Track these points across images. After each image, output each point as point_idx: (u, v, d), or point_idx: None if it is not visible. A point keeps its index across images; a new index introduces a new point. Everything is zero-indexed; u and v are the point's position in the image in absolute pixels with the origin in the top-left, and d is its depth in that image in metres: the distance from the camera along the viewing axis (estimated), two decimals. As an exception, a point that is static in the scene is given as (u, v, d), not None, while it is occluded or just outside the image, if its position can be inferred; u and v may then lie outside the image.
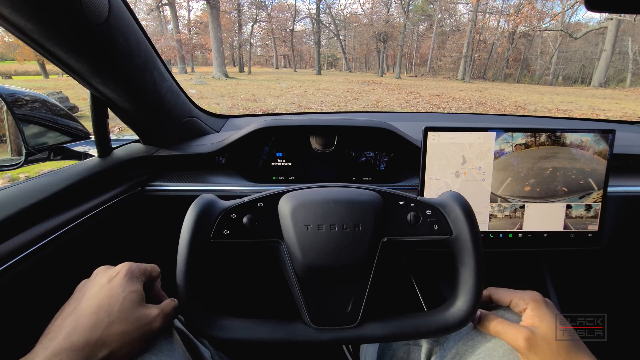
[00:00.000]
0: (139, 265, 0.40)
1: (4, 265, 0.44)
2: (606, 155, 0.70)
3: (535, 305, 0.43)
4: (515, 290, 0.47)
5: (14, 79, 15.93)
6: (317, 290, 0.42)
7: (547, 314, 0.42)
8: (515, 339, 0.41)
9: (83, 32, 0.49)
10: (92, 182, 0.64)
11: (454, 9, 25.27)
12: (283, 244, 0.42)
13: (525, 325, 0.42)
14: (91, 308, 0.34)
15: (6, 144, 0.69)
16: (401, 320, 0.42)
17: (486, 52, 23.00)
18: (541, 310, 0.43)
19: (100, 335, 0.32)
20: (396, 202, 0.44)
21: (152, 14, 19.44)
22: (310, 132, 0.85)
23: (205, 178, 0.83)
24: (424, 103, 8.27)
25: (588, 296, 1.01)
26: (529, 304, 0.44)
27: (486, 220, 0.72)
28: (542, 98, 9.98)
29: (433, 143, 0.70)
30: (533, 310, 0.43)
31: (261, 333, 0.40)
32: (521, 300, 0.45)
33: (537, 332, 0.40)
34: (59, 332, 0.32)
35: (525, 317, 0.43)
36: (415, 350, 0.52)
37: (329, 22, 28.77)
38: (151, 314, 0.37)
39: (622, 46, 18.75)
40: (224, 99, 7.75)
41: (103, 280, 0.37)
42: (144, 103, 0.71)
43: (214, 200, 0.43)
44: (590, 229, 0.73)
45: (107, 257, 0.69)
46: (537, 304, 0.43)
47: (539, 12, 17.26)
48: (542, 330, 0.41)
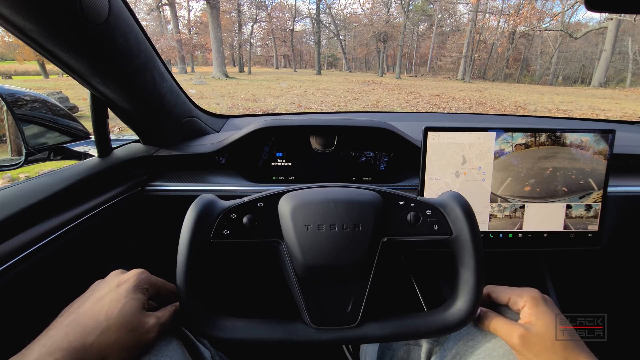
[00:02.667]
0: (150, 276, 0.41)
1: (4, 265, 0.44)
2: (606, 155, 0.70)
3: (533, 303, 0.43)
4: (514, 288, 0.47)
5: (14, 79, 15.91)
6: (317, 290, 0.42)
7: (545, 311, 0.42)
8: (510, 336, 0.41)
9: (83, 32, 0.49)
10: (92, 182, 0.64)
11: (454, 9, 25.28)
12: (283, 244, 0.42)
13: (521, 323, 0.42)
14: (93, 310, 0.35)
15: (6, 144, 0.69)
16: (401, 320, 0.42)
17: (486, 52, 23.01)
18: (539, 308, 0.43)
19: (95, 339, 0.32)
20: (396, 202, 0.44)
21: (152, 14, 19.44)
22: (310, 132, 0.85)
23: (205, 178, 0.83)
24: (424, 103, 8.27)
25: (588, 296, 1.01)
26: (527, 302, 0.43)
27: (486, 220, 0.72)
28: (542, 98, 9.98)
29: (433, 143, 0.70)
30: (530, 308, 0.43)
31: (261, 333, 0.40)
32: (519, 298, 0.45)
33: (532, 330, 0.40)
34: (59, 330, 0.32)
35: (523, 315, 0.43)
36: (415, 350, 0.52)
37: (329, 22, 28.79)
38: (148, 322, 0.37)
39: (622, 46, 18.75)
40: (224, 99, 7.75)
41: (112, 284, 0.38)
42: (144, 103, 0.71)
43: (214, 200, 0.43)
44: (590, 229, 0.73)
45: (107, 257, 0.69)
46: (535, 301, 0.43)
47: (538, 12, 17.25)
48: (538, 328, 0.40)
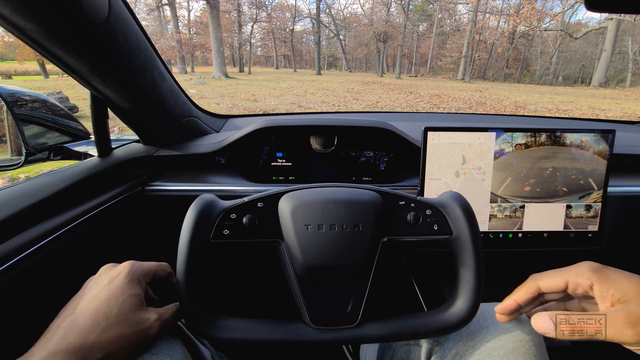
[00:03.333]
0: (142, 265, 0.39)
1: (4, 265, 0.44)
2: (606, 155, 0.70)
3: (601, 276, 0.33)
4: (562, 269, 0.37)
5: (14, 79, 15.92)
6: (317, 290, 0.42)
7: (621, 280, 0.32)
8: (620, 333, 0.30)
9: (83, 32, 0.49)
10: (92, 182, 0.64)
11: (454, 9, 25.28)
12: (283, 244, 0.42)
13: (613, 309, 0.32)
14: (90, 309, 0.34)
15: (6, 144, 0.69)
16: (401, 320, 0.42)
17: (486, 52, 23.01)
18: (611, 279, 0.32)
19: (96, 338, 0.32)
20: (396, 202, 0.44)
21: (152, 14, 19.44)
22: (310, 132, 0.85)
23: (205, 178, 0.83)
24: (424, 103, 8.27)
25: None
26: (594, 279, 0.33)
27: (486, 220, 0.72)
28: (542, 98, 9.98)
29: (433, 143, 0.70)
30: (603, 284, 0.32)
31: (261, 333, 0.40)
32: (580, 277, 0.34)
33: (633, 310, 0.30)
34: (57, 332, 0.32)
35: (601, 297, 0.33)
36: (415, 350, 0.52)
37: (329, 22, 28.80)
38: (150, 319, 0.36)
39: (622, 46, 18.75)
40: (224, 99, 7.75)
41: (104, 281, 0.37)
42: (144, 103, 0.71)
43: (214, 200, 0.43)
44: (590, 229, 0.73)
45: (107, 257, 0.69)
46: (601, 273, 0.33)
47: (538, 12, 17.25)
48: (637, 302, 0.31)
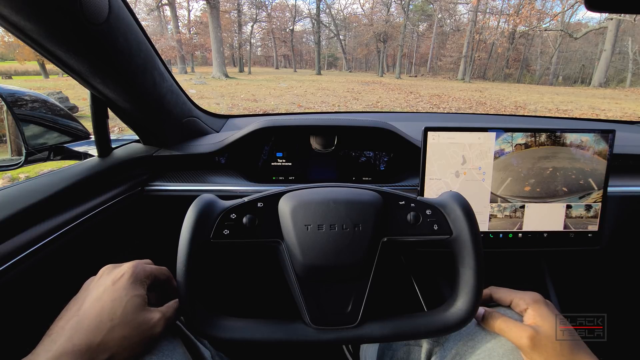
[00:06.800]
0: (144, 267, 0.40)
1: (4, 265, 0.44)
2: (606, 155, 0.70)
3: (536, 306, 0.44)
4: (516, 291, 0.48)
5: (14, 79, 15.92)
6: (317, 290, 0.42)
7: (548, 314, 0.43)
8: (519, 337, 0.41)
9: (83, 32, 0.49)
10: (92, 182, 0.64)
11: (454, 9, 25.29)
12: (283, 244, 0.42)
13: (529, 325, 0.42)
14: (94, 310, 0.34)
15: (6, 144, 0.69)
16: (401, 320, 0.42)
17: (486, 52, 23.02)
18: (542, 311, 0.43)
19: (102, 339, 0.32)
20: (396, 202, 0.44)
21: (152, 14, 19.45)
22: (310, 132, 0.85)
23: (205, 178, 0.83)
24: (424, 103, 8.27)
25: (588, 296, 1.01)
26: (530, 305, 0.44)
27: (486, 220, 0.72)
28: (542, 98, 9.98)
29: (433, 143, 0.70)
30: (534, 310, 0.44)
31: (261, 333, 0.40)
32: (522, 301, 0.46)
33: (540, 332, 0.41)
34: (62, 334, 0.32)
35: (527, 317, 0.44)
36: (415, 350, 0.52)
37: (329, 22, 28.80)
38: (153, 318, 0.37)
39: (622, 46, 18.75)
40: (224, 99, 7.75)
41: (107, 282, 0.37)
42: (144, 103, 0.71)
43: (214, 200, 0.43)
44: (590, 229, 0.73)
45: (107, 257, 0.69)
46: (538, 304, 0.44)
47: (538, 12, 17.23)
48: (545, 330, 0.41)
